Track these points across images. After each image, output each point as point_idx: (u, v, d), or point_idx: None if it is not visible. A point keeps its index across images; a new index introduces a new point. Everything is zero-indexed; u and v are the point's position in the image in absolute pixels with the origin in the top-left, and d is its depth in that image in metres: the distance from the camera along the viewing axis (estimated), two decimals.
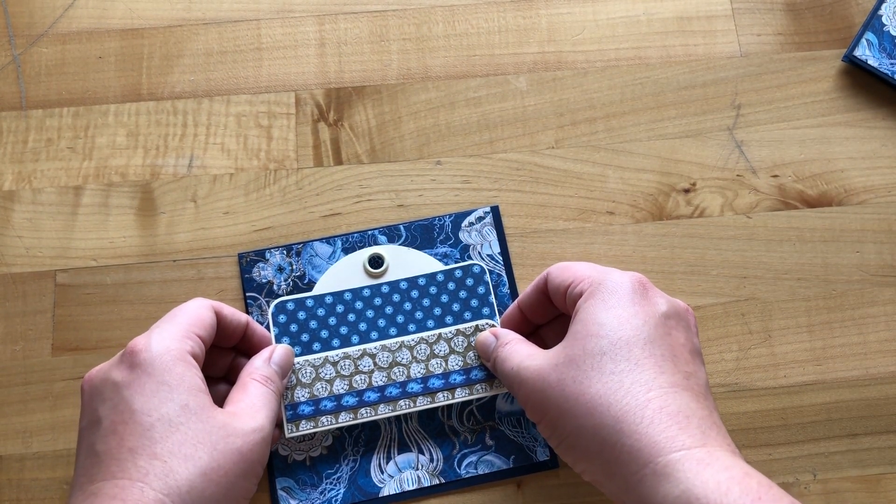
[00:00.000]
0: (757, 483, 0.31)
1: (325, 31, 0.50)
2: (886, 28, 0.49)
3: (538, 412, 0.37)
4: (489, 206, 0.47)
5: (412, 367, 0.43)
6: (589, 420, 0.34)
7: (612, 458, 0.33)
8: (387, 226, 0.46)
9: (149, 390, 0.35)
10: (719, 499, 0.30)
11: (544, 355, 0.37)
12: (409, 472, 0.43)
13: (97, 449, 0.34)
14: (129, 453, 0.33)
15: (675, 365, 0.35)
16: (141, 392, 0.35)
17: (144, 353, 0.36)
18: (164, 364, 0.35)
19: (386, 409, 0.42)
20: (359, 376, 0.43)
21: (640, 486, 0.32)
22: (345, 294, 0.44)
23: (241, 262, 0.46)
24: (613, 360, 0.34)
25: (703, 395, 0.35)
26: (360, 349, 0.43)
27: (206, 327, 0.39)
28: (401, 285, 0.45)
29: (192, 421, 0.35)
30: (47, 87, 0.49)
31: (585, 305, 0.37)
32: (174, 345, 0.36)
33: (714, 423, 0.33)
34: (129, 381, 0.35)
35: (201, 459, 0.34)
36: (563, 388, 0.35)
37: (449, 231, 0.46)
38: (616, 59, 0.50)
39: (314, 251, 0.46)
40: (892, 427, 0.44)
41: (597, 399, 0.34)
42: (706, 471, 0.31)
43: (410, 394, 0.43)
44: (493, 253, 0.46)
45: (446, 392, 0.43)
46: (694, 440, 0.32)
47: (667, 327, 0.36)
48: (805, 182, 0.48)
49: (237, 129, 0.48)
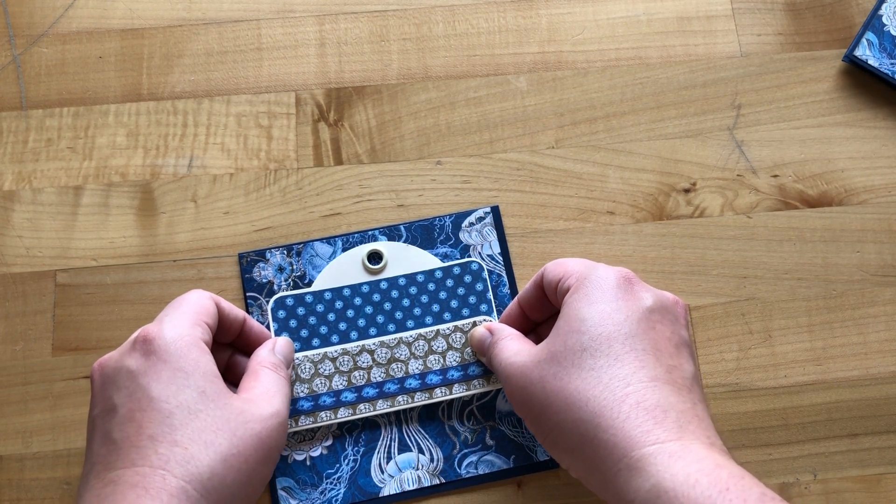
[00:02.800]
0: (728, 474, 0.30)
1: (325, 31, 0.50)
2: (886, 28, 0.49)
3: (523, 409, 0.37)
4: (489, 207, 0.47)
5: (410, 364, 0.43)
6: (568, 416, 0.34)
7: (591, 453, 0.33)
8: (387, 226, 0.46)
9: (166, 377, 0.34)
10: (687, 491, 0.30)
11: (529, 352, 0.37)
12: (409, 472, 0.43)
13: (114, 437, 0.33)
14: (150, 440, 0.33)
15: (658, 359, 0.35)
16: (158, 379, 0.34)
17: (159, 341, 0.35)
18: (179, 350, 0.35)
19: (384, 405, 0.42)
20: (357, 372, 0.43)
21: (615, 480, 0.32)
22: (343, 290, 0.44)
23: (241, 262, 0.46)
24: (593, 356, 0.35)
25: (688, 388, 0.35)
26: (358, 345, 0.43)
27: (212, 316, 0.38)
28: (399, 281, 0.45)
29: (211, 407, 0.34)
30: (47, 87, 0.49)
31: (570, 301, 0.37)
32: (186, 331, 0.36)
33: (695, 416, 0.33)
34: (144, 368, 0.35)
35: (221, 446, 0.34)
36: (544, 384, 0.35)
37: (449, 231, 0.46)
38: (616, 59, 0.50)
39: (314, 251, 0.46)
40: (893, 427, 0.44)
41: (575, 395, 0.34)
42: (677, 464, 0.31)
43: (408, 390, 0.43)
44: (493, 253, 0.46)
45: (444, 388, 0.43)
46: (669, 434, 0.32)
47: (651, 321, 0.36)
48: (805, 182, 0.48)
49: (237, 129, 0.48)
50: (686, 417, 0.33)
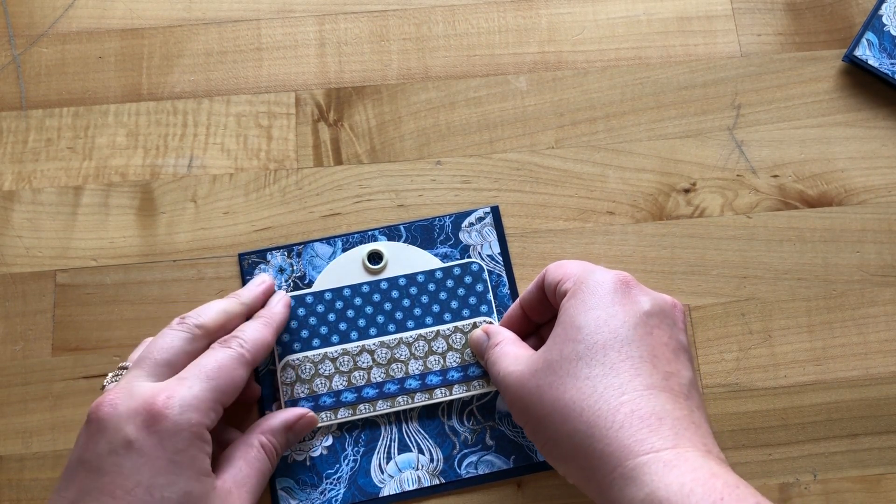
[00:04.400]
0: (722, 483, 0.30)
1: (325, 31, 0.50)
2: (886, 28, 0.49)
3: (521, 417, 0.37)
4: (489, 207, 0.47)
5: (410, 364, 0.43)
6: (564, 426, 0.34)
7: (586, 463, 0.33)
8: (387, 226, 0.46)
9: (159, 466, 0.34)
10: (681, 500, 0.30)
11: (526, 360, 0.37)
12: (409, 473, 0.43)
13: (87, 501, 0.33)
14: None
15: (654, 366, 0.34)
16: (151, 466, 0.34)
17: (167, 422, 0.34)
18: (181, 441, 0.35)
19: (384, 406, 0.43)
20: (357, 372, 0.43)
21: (610, 489, 0.32)
22: (344, 290, 0.44)
23: (241, 264, 0.46)
24: (588, 365, 0.34)
25: (685, 395, 0.34)
26: (358, 345, 0.43)
27: (235, 391, 0.38)
28: (399, 282, 0.45)
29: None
30: (47, 87, 0.49)
31: (566, 306, 0.37)
32: (197, 417, 0.35)
33: (692, 423, 0.33)
34: (142, 446, 0.34)
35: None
36: (540, 394, 0.35)
37: (449, 231, 0.46)
38: (616, 59, 0.50)
39: (315, 252, 0.46)
40: (892, 427, 0.44)
41: (571, 405, 0.34)
42: (671, 473, 0.31)
43: (408, 390, 0.43)
44: (493, 253, 0.46)
45: (444, 388, 0.43)
46: (664, 442, 0.32)
47: (648, 326, 0.36)
48: (805, 182, 0.48)
49: (237, 129, 0.48)
50: (682, 424, 0.33)
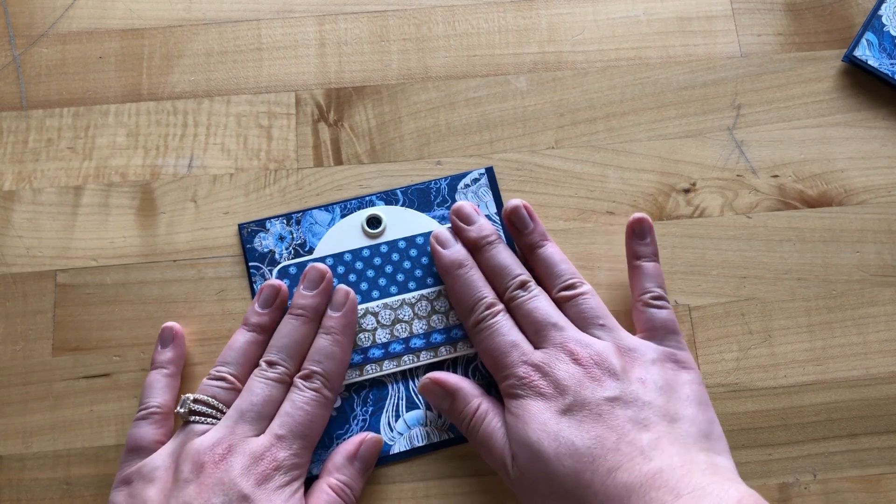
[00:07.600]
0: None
1: (325, 31, 0.50)
2: (886, 28, 0.49)
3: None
4: (483, 168, 0.47)
5: (414, 324, 0.44)
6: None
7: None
8: (384, 191, 0.47)
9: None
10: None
11: (502, 462, 0.39)
12: (417, 429, 0.43)
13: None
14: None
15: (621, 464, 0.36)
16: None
17: (274, 483, 0.37)
18: (286, 495, 0.37)
19: (391, 365, 0.43)
20: (362, 334, 0.44)
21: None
22: (345, 255, 0.45)
23: (241, 233, 0.46)
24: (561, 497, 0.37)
25: (647, 458, 0.36)
26: (362, 308, 0.44)
27: (321, 433, 0.41)
28: (399, 244, 0.45)
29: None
30: (47, 87, 0.49)
31: (512, 424, 0.39)
32: (299, 473, 0.39)
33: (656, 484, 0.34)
34: (257, 498, 0.36)
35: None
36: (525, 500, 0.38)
37: (445, 194, 0.47)
38: (616, 59, 0.50)
39: (314, 219, 0.46)
40: (892, 427, 0.44)
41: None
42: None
43: (413, 349, 0.43)
44: (489, 213, 0.46)
45: (448, 346, 0.43)
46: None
47: (602, 424, 0.37)
48: (805, 182, 0.48)
49: (237, 129, 0.48)
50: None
